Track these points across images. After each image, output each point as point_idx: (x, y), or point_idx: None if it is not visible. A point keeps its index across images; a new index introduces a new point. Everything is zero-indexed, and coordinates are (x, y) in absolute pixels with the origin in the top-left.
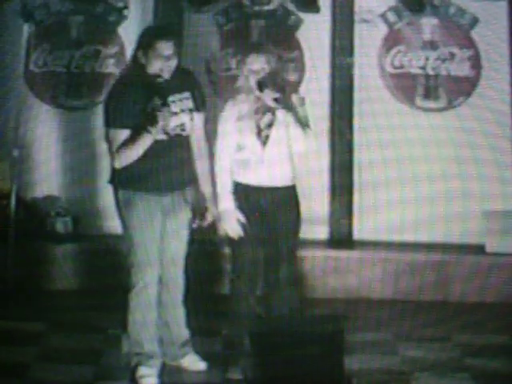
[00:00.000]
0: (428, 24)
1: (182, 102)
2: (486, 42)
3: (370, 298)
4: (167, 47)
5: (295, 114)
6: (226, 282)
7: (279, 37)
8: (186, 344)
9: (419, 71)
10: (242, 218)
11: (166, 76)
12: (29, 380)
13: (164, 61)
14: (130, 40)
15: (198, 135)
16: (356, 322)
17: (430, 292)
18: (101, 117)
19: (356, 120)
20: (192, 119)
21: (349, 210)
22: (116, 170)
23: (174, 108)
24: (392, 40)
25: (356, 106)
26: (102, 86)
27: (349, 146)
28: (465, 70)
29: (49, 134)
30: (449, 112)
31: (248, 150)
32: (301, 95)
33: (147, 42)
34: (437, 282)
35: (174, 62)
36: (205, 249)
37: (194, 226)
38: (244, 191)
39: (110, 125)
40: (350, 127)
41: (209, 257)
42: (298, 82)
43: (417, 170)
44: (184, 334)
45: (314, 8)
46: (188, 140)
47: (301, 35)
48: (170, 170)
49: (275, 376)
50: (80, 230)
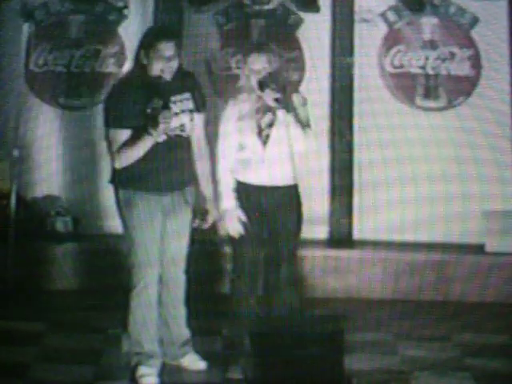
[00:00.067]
0: (428, 23)
1: (182, 102)
2: (486, 41)
3: (370, 298)
4: (168, 48)
5: (296, 114)
6: (226, 281)
7: (279, 36)
8: (186, 343)
9: (419, 71)
10: (243, 217)
11: (168, 77)
12: (29, 380)
13: (165, 61)
14: (130, 39)
15: (198, 136)
16: (356, 322)
17: (429, 292)
18: (101, 116)
19: (356, 120)
20: (192, 120)
21: (349, 210)
22: (116, 170)
23: (175, 109)
24: (392, 39)
25: (356, 106)
26: (102, 85)
27: (349, 145)
28: (465, 69)
29: (49, 134)
30: (449, 112)
31: (249, 150)
32: (302, 95)
33: (149, 42)
34: (437, 281)
35: (176, 63)
36: (205, 249)
37: (193, 225)
38: (245, 190)
39: (110, 125)
40: (350, 127)
41: (209, 257)
42: (299, 81)
43: (417, 170)
44: (184, 333)
45: (314, 7)
46: (188, 140)
47: (301, 35)
48: (170, 170)
49: (275, 376)
50: (80, 229)
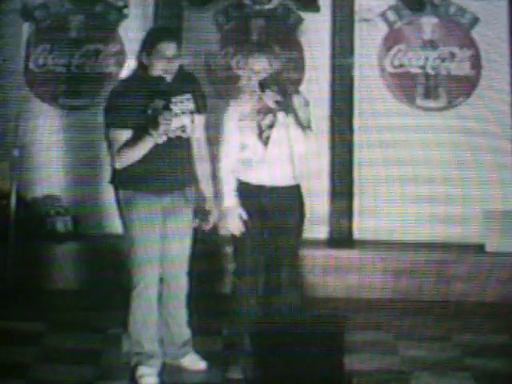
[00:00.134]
0: (428, 23)
1: (183, 103)
2: (486, 41)
3: (370, 298)
4: (170, 48)
5: (296, 115)
6: (226, 281)
7: (279, 36)
8: (186, 344)
9: (419, 71)
10: (244, 215)
11: (169, 77)
12: (29, 380)
13: (167, 62)
14: (130, 39)
15: (199, 136)
16: (356, 322)
17: (429, 291)
18: (101, 116)
19: (356, 119)
20: (193, 121)
21: (349, 210)
22: (116, 170)
23: (175, 110)
24: (392, 39)
25: (356, 106)
26: (102, 85)
27: (349, 145)
28: (465, 69)
29: (49, 134)
30: (449, 112)
31: (250, 150)
32: (304, 96)
33: (150, 42)
34: (437, 281)
35: (177, 64)
36: (206, 249)
37: (194, 225)
38: (246, 190)
39: (111, 125)
40: (350, 127)
41: (210, 256)
42: (299, 81)
43: (417, 170)
44: (185, 333)
45: (314, 7)
46: (188, 141)
47: (301, 34)
48: (170, 170)
49: (275, 376)
50: (80, 229)
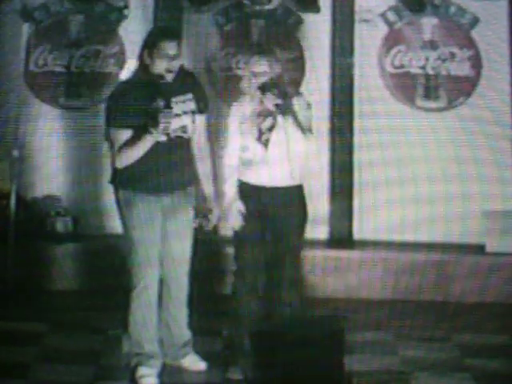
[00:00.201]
0: (428, 24)
1: (184, 103)
2: (486, 41)
3: (370, 298)
4: (171, 47)
5: (297, 118)
6: (226, 281)
7: (279, 37)
8: (186, 344)
9: (419, 71)
10: (243, 209)
11: (170, 77)
12: (29, 380)
13: (168, 60)
14: (131, 39)
15: (200, 136)
16: (356, 322)
17: (429, 292)
18: (101, 117)
19: (356, 120)
20: (194, 121)
21: (349, 210)
22: (117, 170)
23: (176, 110)
24: (392, 40)
25: (356, 106)
26: (102, 85)
27: (349, 146)
28: (465, 69)
29: (49, 134)
30: (449, 112)
31: (250, 151)
32: (306, 99)
33: (152, 41)
34: (437, 281)
35: (178, 63)
36: (206, 249)
37: (194, 225)
38: (247, 190)
39: (112, 124)
40: (350, 127)
41: (210, 257)
42: (299, 82)
43: (417, 170)
44: (185, 334)
45: (314, 8)
46: (189, 142)
47: (301, 35)
48: (171, 170)
49: (275, 376)
50: (80, 229)
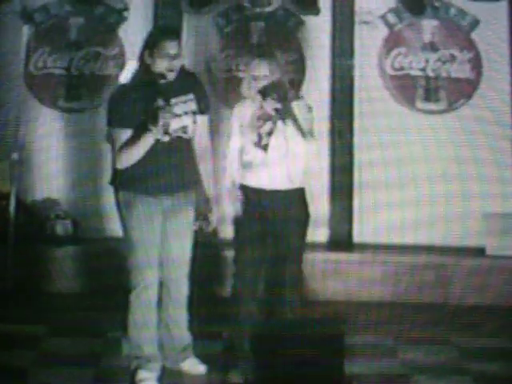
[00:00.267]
0: (428, 26)
1: (185, 103)
2: (486, 43)
3: (370, 301)
4: (172, 46)
5: (297, 122)
6: (226, 284)
7: (279, 39)
8: (186, 348)
9: (419, 73)
10: (241, 197)
11: (171, 76)
12: (28, 383)
13: (169, 60)
14: (130, 41)
15: (201, 137)
16: (356, 325)
17: (429, 294)
18: (100, 119)
19: (356, 122)
20: (195, 122)
21: (349, 213)
22: (117, 172)
23: (177, 110)
24: (392, 42)
25: (356, 108)
26: (102, 87)
27: (349, 147)
28: (465, 72)
29: (48, 136)
30: (449, 114)
31: (250, 155)
32: (307, 102)
33: (153, 41)
34: (436, 284)
35: (179, 62)
36: (205, 251)
37: (194, 228)
38: (248, 193)
39: (113, 124)
40: (350, 129)
41: (209, 260)
42: (299, 84)
43: (417, 172)
44: (186, 338)
45: (314, 9)
46: (190, 142)
47: (301, 37)
48: (172, 172)
49: (275, 379)
50: (80, 232)
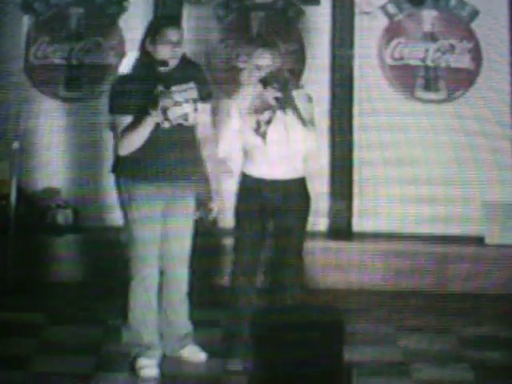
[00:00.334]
0: (428, 16)
1: (186, 91)
2: (486, 34)
3: (370, 290)
4: (174, 33)
5: (297, 111)
6: (226, 273)
7: (279, 29)
8: (187, 335)
9: (419, 63)
10: (233, 171)
11: (173, 63)
12: (28, 372)
13: (172, 47)
14: (131, 32)
15: (204, 126)
16: (356, 314)
17: (429, 283)
18: (101, 108)
19: (356, 112)
20: (196, 109)
21: (349, 203)
22: (119, 159)
23: (178, 97)
24: (392, 32)
25: (356, 98)
26: (102, 77)
27: (348, 143)
28: (465, 62)
29: (49, 126)
30: (448, 106)
31: (249, 143)
32: (307, 92)
33: (155, 28)
34: (437, 273)
35: (181, 50)
36: (205, 240)
37: (194, 217)
38: (249, 183)
39: (114, 111)
40: (350, 120)
41: (209, 248)
42: (299, 74)
43: (415, 159)
44: (186, 326)
45: (315, 0)
46: (192, 130)
47: (301, 27)
48: (172, 159)
49: (275, 367)
50: (80, 221)
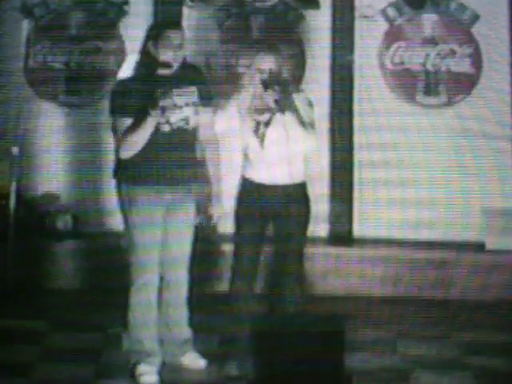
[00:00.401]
0: (428, 20)
1: (186, 95)
2: (486, 38)
3: (370, 296)
4: (176, 37)
5: (297, 114)
6: (225, 280)
7: (279, 33)
8: (186, 342)
9: (419, 67)
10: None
11: (175, 65)
12: (30, 379)
13: (174, 50)
14: (131, 36)
15: (206, 130)
16: (356, 320)
17: (429, 290)
18: (100, 113)
19: (356, 117)
20: (196, 113)
21: (349, 208)
22: (120, 162)
23: (178, 101)
24: (392, 36)
25: (356, 103)
26: (102, 82)
27: (349, 144)
28: (465, 66)
29: (48, 131)
30: (449, 111)
31: (248, 147)
32: (307, 96)
33: (157, 31)
34: (437, 279)
35: (183, 53)
36: (205, 247)
37: (195, 223)
38: (250, 187)
39: (115, 114)
40: (350, 124)
41: (208, 255)
42: (300, 78)
43: (416, 166)
44: (185, 332)
45: (314, 4)
46: (192, 134)
47: (301, 31)
48: (173, 163)
49: (275, 374)
50: (80, 227)
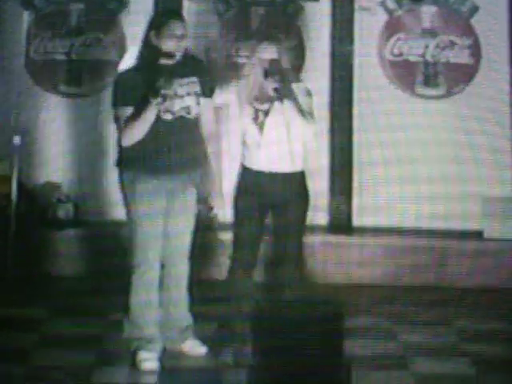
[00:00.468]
0: (428, 12)
1: (188, 85)
2: (485, 29)
3: (370, 284)
4: (179, 27)
5: (297, 103)
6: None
7: (279, 24)
8: (187, 329)
9: (419, 59)
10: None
11: (178, 55)
12: (29, 366)
13: (177, 40)
14: (131, 27)
15: (207, 121)
16: (355, 307)
17: (428, 277)
18: (101, 104)
19: (355, 108)
20: (198, 103)
21: (348, 195)
22: (122, 151)
23: (180, 91)
24: (392, 28)
25: (355, 94)
26: (103, 73)
27: (348, 129)
28: (464, 57)
29: (50, 122)
30: (448, 101)
31: (247, 135)
32: (306, 86)
33: (159, 22)
34: (436, 267)
35: (185, 43)
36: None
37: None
38: (249, 175)
39: (118, 103)
40: (350, 115)
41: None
42: (299, 69)
43: (414, 154)
44: (186, 319)
45: None
46: (194, 124)
47: (301, 23)
48: (173, 152)
49: (274, 361)
50: (81, 216)
